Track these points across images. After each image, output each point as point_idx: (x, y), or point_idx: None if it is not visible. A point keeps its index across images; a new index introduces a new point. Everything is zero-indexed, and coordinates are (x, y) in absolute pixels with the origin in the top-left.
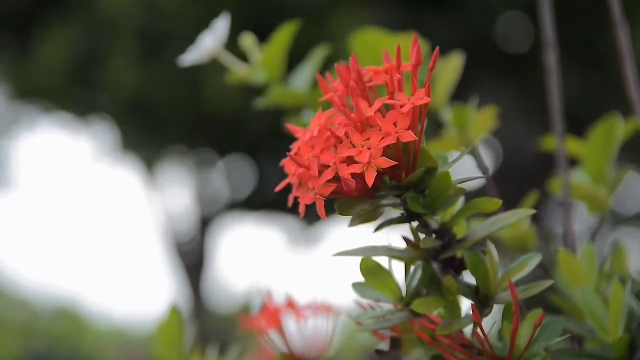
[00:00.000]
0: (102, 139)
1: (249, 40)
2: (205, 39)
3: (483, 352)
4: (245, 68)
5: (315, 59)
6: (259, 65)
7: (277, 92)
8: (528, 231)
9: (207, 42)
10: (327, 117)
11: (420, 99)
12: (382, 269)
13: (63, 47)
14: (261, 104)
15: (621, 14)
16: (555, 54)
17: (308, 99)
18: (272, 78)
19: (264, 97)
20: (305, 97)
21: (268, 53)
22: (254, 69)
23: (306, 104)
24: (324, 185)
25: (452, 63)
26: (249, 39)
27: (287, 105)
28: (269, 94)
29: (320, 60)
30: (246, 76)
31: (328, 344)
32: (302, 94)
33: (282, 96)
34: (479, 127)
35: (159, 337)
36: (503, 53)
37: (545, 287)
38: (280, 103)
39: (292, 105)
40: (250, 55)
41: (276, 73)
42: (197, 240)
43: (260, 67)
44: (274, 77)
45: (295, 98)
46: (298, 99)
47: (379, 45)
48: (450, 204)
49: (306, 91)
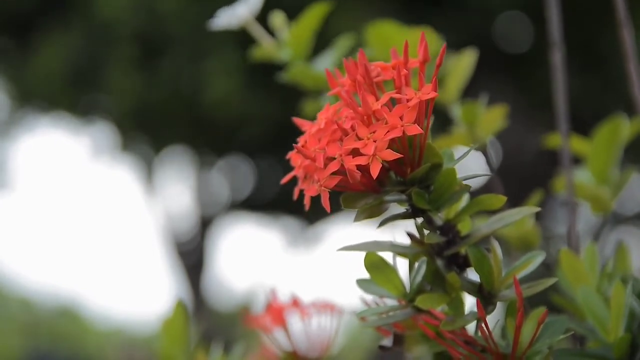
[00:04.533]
0: (102, 139)
1: (279, 19)
2: (239, 7)
3: (487, 349)
4: (272, 44)
5: (341, 46)
6: (286, 43)
7: (299, 69)
8: (532, 230)
9: (240, 9)
10: (334, 111)
11: (427, 94)
12: (386, 265)
13: (62, 52)
14: (283, 78)
15: (625, 13)
16: (561, 54)
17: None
18: (298, 56)
19: (286, 72)
20: (325, 81)
21: (296, 32)
22: (281, 46)
23: (325, 88)
24: (329, 177)
25: (465, 60)
26: (280, 16)
27: (307, 85)
28: (291, 70)
29: (345, 48)
30: (272, 52)
31: (332, 342)
32: (323, 77)
33: (304, 75)
34: (489, 125)
35: (163, 334)
36: (503, 53)
37: (548, 285)
38: (300, 81)
39: (311, 87)
40: (279, 33)
41: (302, 52)
42: (197, 240)
43: (287, 45)
44: (300, 56)
45: (316, 80)
46: (318, 81)
47: (393, 39)
48: (455, 201)
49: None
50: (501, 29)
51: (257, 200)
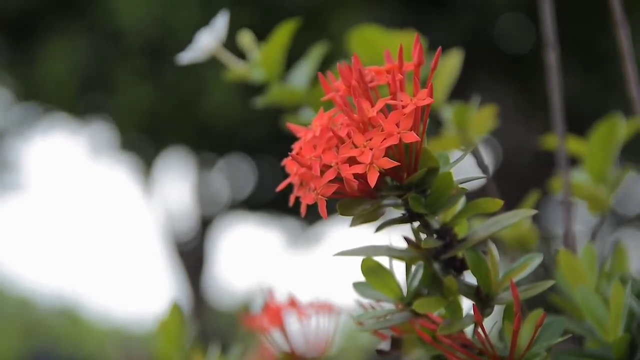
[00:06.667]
0: (102, 139)
1: (248, 38)
2: (204, 37)
3: (484, 352)
4: (243, 66)
5: (314, 57)
6: (258, 63)
7: (276, 91)
8: (529, 231)
9: (206, 40)
10: (329, 117)
11: (422, 100)
12: (383, 269)
13: (71, 57)
14: (260, 103)
15: (622, 13)
16: (555, 54)
17: (307, 98)
18: (271, 76)
19: (263, 97)
20: (304, 96)
21: (267, 51)
22: (253, 67)
23: (305, 103)
24: (326, 186)
25: (451, 61)
26: (248, 37)
27: (286, 103)
28: (268, 93)
29: (318, 58)
30: (244, 74)
31: (329, 343)
32: (301, 92)
33: (281, 95)
34: (479, 127)
35: (160, 335)
36: (503, 53)
37: (546, 288)
38: (279, 102)
39: (291, 104)
40: (249, 53)
41: (275, 72)
42: (197, 240)
43: (259, 65)
44: (273, 75)
45: (294, 96)
46: (297, 97)
47: (377, 43)
48: (451, 204)
49: (305, 89)
50: (502, 29)
51: (258, 200)
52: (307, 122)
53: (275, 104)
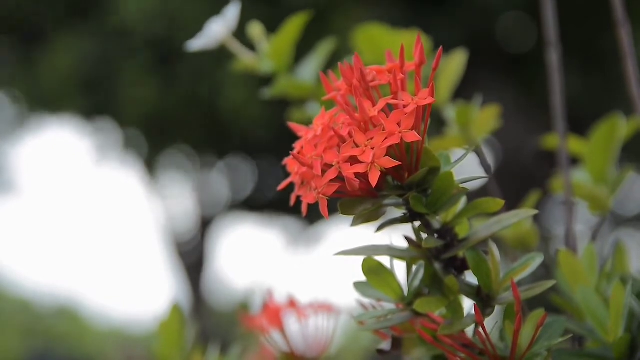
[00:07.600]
0: (103, 138)
1: (257, 30)
2: (215, 25)
3: (485, 352)
4: (252, 57)
5: (322, 52)
6: (267, 54)
7: (284, 83)
8: (530, 231)
9: (216, 28)
10: (330, 116)
11: (424, 99)
12: (384, 269)
13: (76, 56)
14: (268, 95)
15: (623, 12)
16: (557, 53)
17: (314, 91)
18: (280, 68)
19: (271, 88)
20: (311, 89)
21: (277, 43)
22: (262, 58)
23: (312, 96)
24: (327, 185)
25: (455, 60)
26: (258, 28)
27: (293, 96)
28: (276, 85)
29: (327, 53)
30: (253, 65)
31: (329, 343)
32: (309, 86)
33: (289, 87)
34: (482, 126)
35: (160, 335)
36: (503, 53)
37: (547, 288)
38: (286, 93)
39: (298, 97)
40: (258, 44)
41: (284, 63)
42: (198, 240)
43: (268, 56)
44: (282, 67)
45: (302, 89)
46: (304, 90)
47: (382, 41)
48: (452, 204)
49: (312, 83)
50: (502, 29)
51: (258, 200)
52: (313, 116)
53: (282, 95)
